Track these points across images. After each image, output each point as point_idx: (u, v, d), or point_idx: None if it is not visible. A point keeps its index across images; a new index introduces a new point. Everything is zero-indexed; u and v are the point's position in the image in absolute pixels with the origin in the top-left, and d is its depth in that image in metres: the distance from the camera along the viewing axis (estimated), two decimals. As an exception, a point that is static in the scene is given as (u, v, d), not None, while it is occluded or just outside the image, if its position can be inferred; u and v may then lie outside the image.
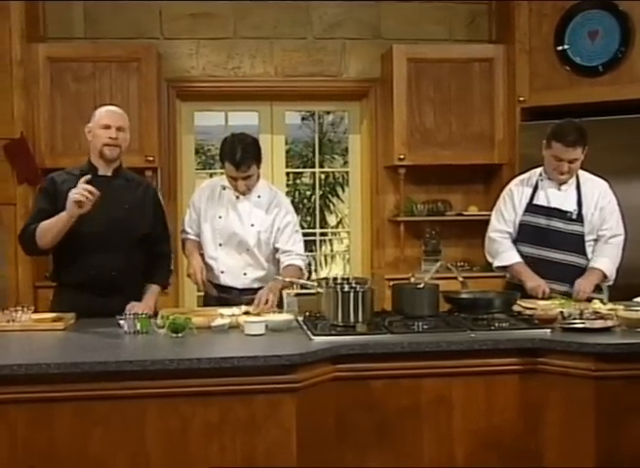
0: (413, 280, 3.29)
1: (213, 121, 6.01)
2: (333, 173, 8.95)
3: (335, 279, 3.19)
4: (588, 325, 2.99)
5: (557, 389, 2.83)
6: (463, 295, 3.35)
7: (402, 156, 5.25)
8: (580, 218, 3.67)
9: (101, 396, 2.49)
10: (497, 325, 3.05)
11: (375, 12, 5.62)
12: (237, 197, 3.63)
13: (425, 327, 3.01)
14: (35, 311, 3.34)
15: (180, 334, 2.87)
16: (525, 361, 2.85)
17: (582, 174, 3.77)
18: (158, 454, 2.54)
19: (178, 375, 2.52)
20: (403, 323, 3.06)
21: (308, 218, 8.81)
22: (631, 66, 4.71)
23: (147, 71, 5.13)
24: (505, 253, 3.76)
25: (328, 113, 7.96)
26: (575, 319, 3.07)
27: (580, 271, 3.65)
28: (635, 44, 4.68)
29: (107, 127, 3.38)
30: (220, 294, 3.62)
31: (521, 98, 5.10)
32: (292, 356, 2.59)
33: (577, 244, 3.67)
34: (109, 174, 3.44)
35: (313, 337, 2.84)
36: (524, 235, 3.74)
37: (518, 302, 3.38)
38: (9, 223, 4.88)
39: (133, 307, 3.23)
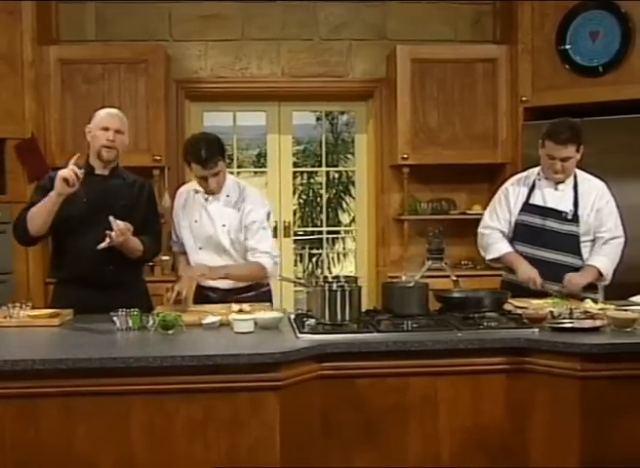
0: (404, 278, 3.31)
1: (222, 121, 6.07)
2: (346, 171, 8.99)
3: (325, 277, 3.22)
4: (577, 324, 2.99)
5: (543, 389, 2.83)
6: (454, 294, 3.35)
7: (405, 155, 5.29)
8: (575, 219, 3.65)
9: (86, 392, 2.54)
10: (485, 324, 3.05)
11: (380, 13, 5.67)
12: (206, 199, 3.61)
13: (413, 326, 3.02)
14: (46, 307, 3.43)
15: (169, 331, 2.93)
16: (511, 360, 2.85)
17: (580, 174, 3.76)
18: (143, 450, 2.58)
19: (161, 372, 2.56)
20: (391, 321, 3.07)
21: (322, 216, 8.85)
22: (632, 67, 4.71)
23: (155, 72, 5.23)
24: (496, 245, 3.77)
25: (342, 113, 8.00)
26: (564, 318, 3.08)
27: (575, 272, 3.62)
28: (636, 44, 4.67)
29: (106, 129, 3.48)
30: (207, 294, 3.64)
31: (523, 98, 5.12)
32: (274, 354, 2.61)
33: (572, 244, 3.65)
34: (106, 173, 3.54)
35: (299, 335, 2.87)
36: (519, 234, 3.73)
37: (510, 301, 3.40)
38: (19, 221, 4.99)
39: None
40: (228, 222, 3.59)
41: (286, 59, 5.65)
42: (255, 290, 3.65)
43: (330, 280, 3.16)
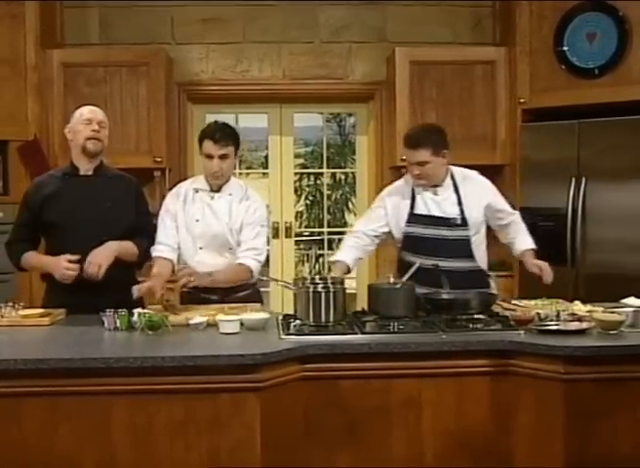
0: (391, 280, 3.30)
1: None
2: (352, 173, 9.04)
3: (312, 279, 3.22)
4: (562, 327, 2.99)
5: (527, 391, 2.83)
6: (442, 296, 3.35)
7: (404, 157, 5.27)
8: (464, 223, 3.58)
9: (68, 392, 2.57)
10: (471, 326, 3.06)
11: (380, 15, 5.69)
12: (212, 197, 3.62)
13: (399, 327, 3.03)
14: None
15: (156, 332, 2.95)
16: (496, 362, 2.85)
17: (456, 171, 3.68)
18: (124, 450, 2.61)
19: (142, 373, 2.58)
20: (377, 323, 3.08)
21: (329, 217, 8.90)
22: (629, 68, 4.67)
23: (156, 75, 5.28)
24: (340, 251, 3.67)
25: (350, 115, 8.03)
26: (551, 320, 3.07)
27: (470, 275, 3.57)
28: (633, 46, 4.64)
29: (89, 121, 3.46)
30: (208, 297, 3.58)
31: (522, 100, 5.10)
32: (254, 355, 2.63)
33: (465, 249, 3.59)
34: (90, 173, 3.51)
35: (283, 337, 2.89)
36: (411, 246, 3.62)
37: (499, 302, 3.40)
38: (22, 222, 5.07)
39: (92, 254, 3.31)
40: (232, 220, 3.59)
41: (287, 62, 5.68)
42: (249, 288, 3.66)
43: (316, 281, 3.17)
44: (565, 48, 4.89)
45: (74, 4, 5.57)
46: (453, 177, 3.66)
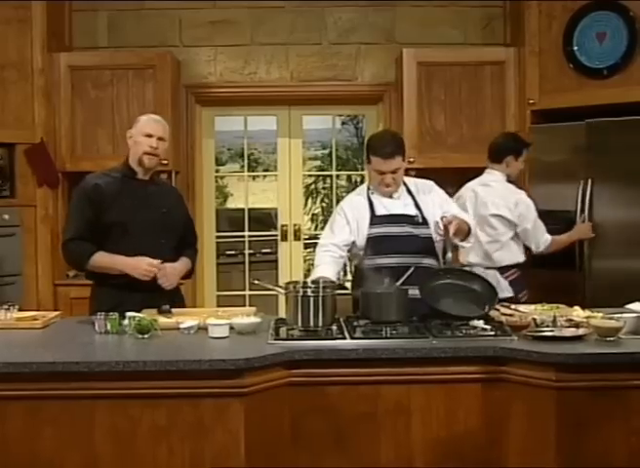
0: (385, 284, 3.25)
1: (233, 126, 6.11)
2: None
3: (303, 283, 3.19)
4: (557, 333, 2.93)
5: (519, 399, 2.78)
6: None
7: (412, 159, 5.21)
8: (425, 222, 3.57)
9: (51, 396, 2.57)
10: (464, 331, 3.00)
11: (389, 16, 5.64)
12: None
13: (390, 332, 2.98)
14: (55, 309, 3.47)
15: (145, 336, 2.93)
16: (487, 369, 2.79)
17: (405, 177, 3.68)
18: (107, 455, 2.60)
19: (124, 377, 2.57)
20: (368, 328, 3.04)
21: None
22: (638, 68, 4.59)
23: (162, 78, 5.28)
24: (318, 268, 3.56)
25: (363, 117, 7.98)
26: (547, 326, 3.01)
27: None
28: (643, 46, 4.57)
29: (149, 136, 3.50)
30: None
31: (531, 101, 5.03)
32: (237, 361, 2.60)
33: (429, 246, 3.57)
34: (147, 178, 3.56)
35: (270, 342, 2.86)
36: (377, 247, 3.55)
37: (496, 307, 3.34)
38: (29, 224, 5.13)
39: (164, 267, 3.39)
40: None
41: (295, 64, 5.66)
42: None
43: (307, 285, 3.14)
44: (574, 48, 4.82)
45: (83, 6, 5.59)
46: (405, 183, 3.66)
